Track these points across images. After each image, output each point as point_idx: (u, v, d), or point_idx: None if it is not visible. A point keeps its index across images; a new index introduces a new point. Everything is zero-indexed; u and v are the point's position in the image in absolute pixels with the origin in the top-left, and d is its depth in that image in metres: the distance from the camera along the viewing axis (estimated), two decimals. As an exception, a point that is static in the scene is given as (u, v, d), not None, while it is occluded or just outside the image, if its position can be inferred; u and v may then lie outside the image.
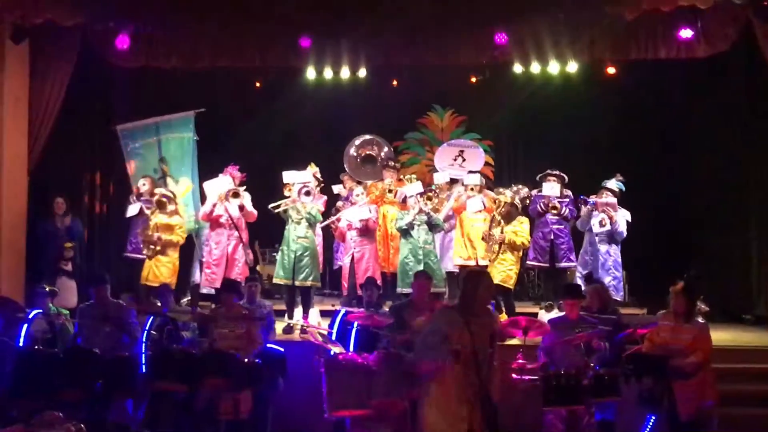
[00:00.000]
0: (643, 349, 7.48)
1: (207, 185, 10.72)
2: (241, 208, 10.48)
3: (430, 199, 10.81)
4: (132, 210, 11.30)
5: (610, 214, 10.44)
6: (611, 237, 10.51)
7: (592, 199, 10.73)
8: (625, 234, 10.55)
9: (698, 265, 11.75)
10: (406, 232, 10.58)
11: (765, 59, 10.41)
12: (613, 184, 10.87)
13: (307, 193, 10.32)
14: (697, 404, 7.20)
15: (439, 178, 11.74)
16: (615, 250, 10.59)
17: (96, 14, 10.71)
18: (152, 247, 10.55)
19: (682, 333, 7.28)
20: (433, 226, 10.62)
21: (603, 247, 10.54)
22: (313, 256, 10.33)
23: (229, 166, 10.91)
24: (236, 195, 10.45)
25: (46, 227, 11.23)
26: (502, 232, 10.25)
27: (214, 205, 10.45)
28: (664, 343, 7.32)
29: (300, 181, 10.53)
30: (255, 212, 10.65)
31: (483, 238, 10.50)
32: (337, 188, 11.93)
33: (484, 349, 5.84)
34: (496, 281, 10.16)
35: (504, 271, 10.24)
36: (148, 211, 10.91)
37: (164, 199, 10.70)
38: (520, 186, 11.04)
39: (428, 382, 5.95)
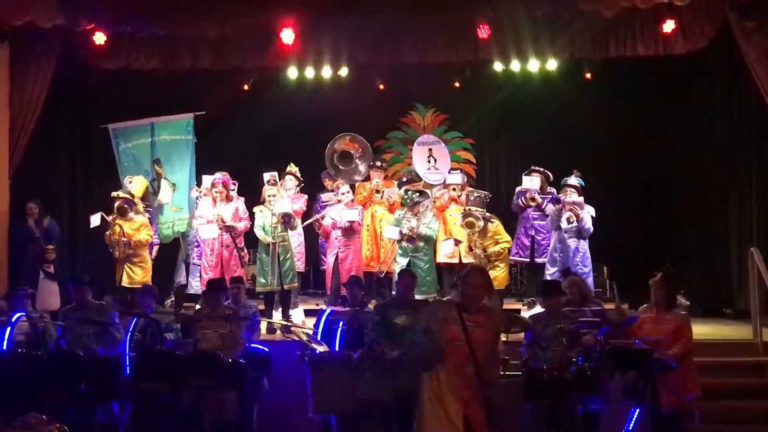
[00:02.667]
0: (625, 343, 7.57)
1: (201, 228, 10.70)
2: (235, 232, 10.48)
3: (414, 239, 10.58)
4: (94, 221, 10.97)
5: (576, 212, 10.52)
6: (579, 233, 10.59)
7: (560, 196, 10.81)
8: (591, 229, 10.62)
9: (679, 260, 11.86)
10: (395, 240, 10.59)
11: (743, 55, 10.51)
12: (574, 180, 10.96)
13: (286, 223, 10.27)
14: (679, 397, 7.28)
15: (435, 189, 11.75)
16: (583, 245, 10.66)
17: (76, 16, 10.68)
18: (122, 249, 10.48)
19: (663, 324, 7.40)
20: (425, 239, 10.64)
21: (573, 243, 10.59)
22: (292, 258, 10.41)
23: (219, 173, 10.81)
24: (230, 229, 10.40)
25: (22, 230, 11.17)
26: (485, 252, 10.41)
27: (210, 222, 10.48)
28: (645, 335, 7.41)
29: (280, 211, 10.35)
30: (249, 224, 10.62)
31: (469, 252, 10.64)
32: (326, 196, 11.78)
33: (483, 348, 5.53)
34: (503, 287, 10.44)
35: (499, 277, 10.54)
36: (110, 217, 10.72)
37: (126, 206, 10.62)
38: (478, 192, 11.09)
39: (423, 382, 5.63)
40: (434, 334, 5.58)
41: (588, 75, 12.16)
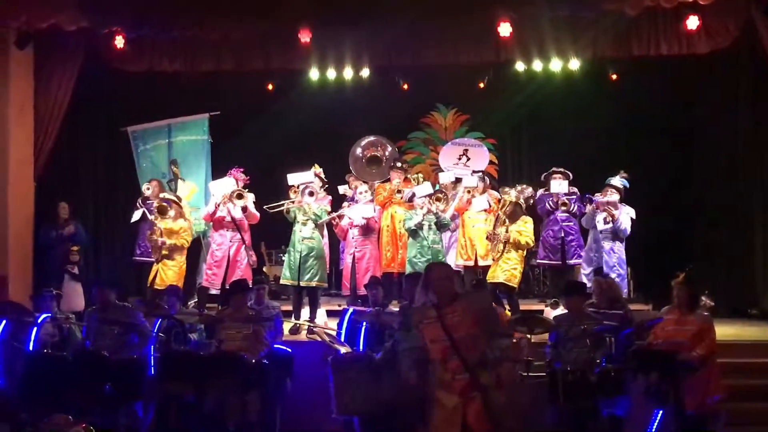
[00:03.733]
0: (647, 344, 7.52)
1: (212, 186, 10.77)
2: (244, 209, 10.52)
3: (439, 200, 10.77)
4: (135, 215, 11.25)
5: (611, 212, 10.45)
6: (615, 234, 10.52)
7: (596, 196, 10.74)
8: (628, 231, 10.55)
9: (704, 260, 11.80)
10: (414, 233, 10.56)
11: (767, 54, 10.42)
12: (617, 181, 10.87)
13: (311, 194, 10.34)
14: (704, 398, 7.22)
15: (445, 178, 11.75)
16: (619, 247, 10.59)
17: (99, 19, 10.75)
18: (159, 251, 10.57)
19: (686, 325, 7.32)
20: (441, 226, 10.63)
21: (607, 245, 10.55)
22: (319, 257, 10.34)
23: (233, 169, 10.95)
24: (240, 196, 10.48)
25: (49, 232, 11.27)
26: (506, 232, 10.30)
27: (217, 206, 10.47)
28: (668, 337, 7.35)
29: (302, 181, 10.56)
30: (257, 214, 10.69)
31: (488, 238, 10.54)
32: (342, 188, 11.95)
33: (463, 333, 5.60)
34: (500, 280, 10.25)
35: (508, 270, 10.29)
36: (151, 216, 10.89)
37: (164, 204, 10.69)
38: (525, 185, 11.09)
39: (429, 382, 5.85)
40: (421, 336, 5.78)
41: (614, 76, 12.09)
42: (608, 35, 11.09)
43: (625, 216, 10.57)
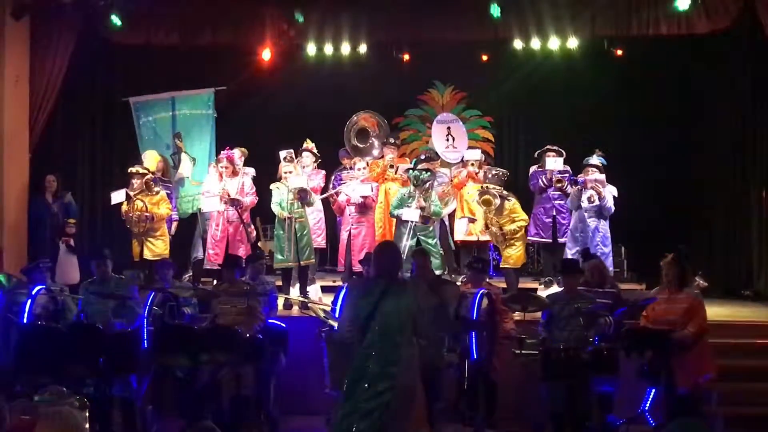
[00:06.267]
0: (640, 324, 7.56)
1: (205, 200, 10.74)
2: (241, 206, 10.50)
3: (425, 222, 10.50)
4: (117, 197, 10.80)
5: (598, 190, 10.42)
6: (600, 212, 10.49)
7: (580, 178, 10.70)
8: (613, 209, 10.50)
9: (699, 241, 11.83)
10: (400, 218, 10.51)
11: (766, 35, 10.39)
12: (596, 160, 10.84)
13: (302, 199, 10.26)
14: (695, 378, 7.26)
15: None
16: (604, 226, 10.54)
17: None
18: (144, 224, 10.48)
19: (676, 304, 7.37)
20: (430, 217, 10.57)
21: (593, 223, 10.45)
22: (309, 234, 10.39)
23: (225, 150, 10.84)
24: (235, 202, 10.44)
25: (39, 205, 11.24)
26: (501, 229, 10.32)
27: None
28: (658, 316, 7.39)
29: (295, 187, 10.30)
30: (255, 201, 10.69)
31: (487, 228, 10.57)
32: (347, 174, 11.74)
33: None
34: (519, 265, 10.50)
35: (513, 255, 10.40)
36: (132, 193, 10.62)
37: (152, 182, 10.59)
38: (495, 169, 10.99)
39: None
40: None
41: (619, 52, 11.97)
42: (607, 14, 11.06)
43: (609, 194, 10.55)
